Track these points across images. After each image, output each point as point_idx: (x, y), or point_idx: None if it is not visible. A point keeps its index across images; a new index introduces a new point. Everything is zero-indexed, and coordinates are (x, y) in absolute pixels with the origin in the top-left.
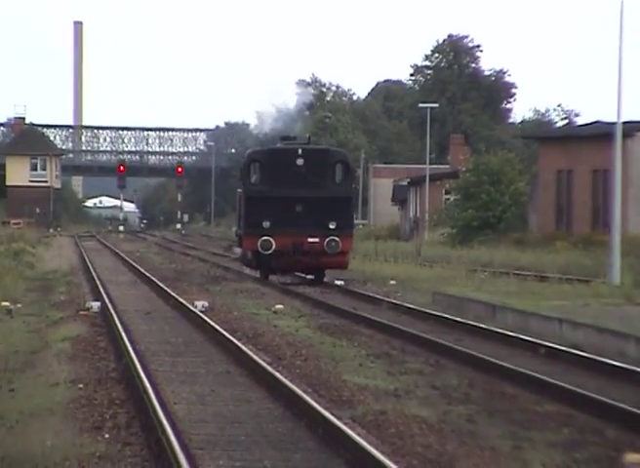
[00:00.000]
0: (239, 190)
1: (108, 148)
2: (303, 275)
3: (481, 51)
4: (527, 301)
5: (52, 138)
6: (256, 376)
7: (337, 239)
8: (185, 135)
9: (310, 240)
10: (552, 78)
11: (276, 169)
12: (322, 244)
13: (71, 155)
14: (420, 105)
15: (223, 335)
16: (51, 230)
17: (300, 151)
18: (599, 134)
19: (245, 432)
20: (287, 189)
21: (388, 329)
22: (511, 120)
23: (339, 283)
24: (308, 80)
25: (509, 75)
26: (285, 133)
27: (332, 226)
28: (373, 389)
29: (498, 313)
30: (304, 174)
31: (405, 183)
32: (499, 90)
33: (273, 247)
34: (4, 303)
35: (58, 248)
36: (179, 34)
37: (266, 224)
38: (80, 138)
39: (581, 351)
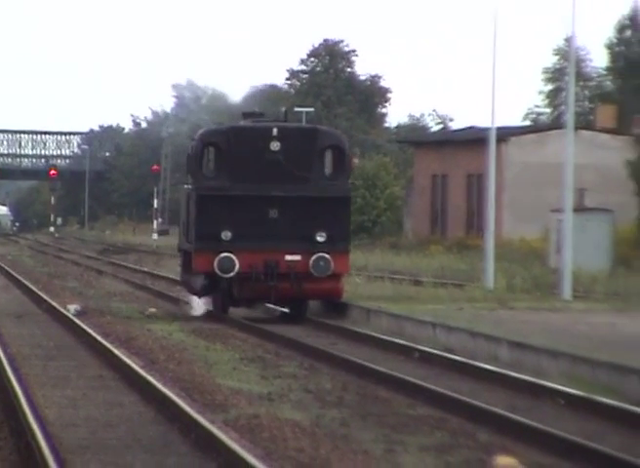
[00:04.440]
0: (186, 186)
1: None
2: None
3: (356, 55)
4: (402, 305)
5: None
6: (128, 380)
7: (327, 256)
8: (59, 137)
9: (289, 258)
10: (427, 83)
11: (241, 156)
12: (306, 263)
13: None
14: (296, 109)
15: (96, 339)
16: None
17: (275, 131)
18: (473, 138)
19: (117, 436)
20: (256, 185)
21: (262, 332)
22: (387, 124)
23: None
24: (183, 83)
25: (384, 80)
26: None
27: (320, 239)
28: (246, 393)
29: (372, 317)
30: (281, 163)
31: None
32: (374, 94)
33: (236, 268)
34: None
35: None
36: (50, 35)
37: (226, 235)
38: None
39: (455, 355)
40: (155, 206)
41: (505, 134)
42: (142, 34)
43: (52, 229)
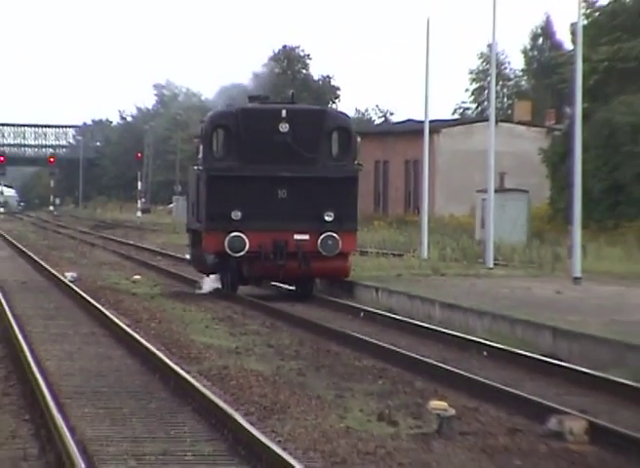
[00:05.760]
0: (195, 168)
1: None
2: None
3: (310, 59)
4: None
5: None
6: (117, 336)
7: (335, 236)
8: (57, 130)
9: (298, 237)
10: (370, 82)
11: (250, 137)
12: (314, 242)
13: None
14: None
15: (89, 302)
16: None
17: (284, 113)
18: (410, 130)
19: (107, 384)
20: (265, 166)
21: (230, 296)
22: None
23: (189, 257)
24: (163, 83)
25: (334, 80)
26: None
27: (328, 218)
28: (217, 347)
29: (323, 282)
30: (290, 144)
31: None
32: (326, 92)
33: (246, 247)
34: None
35: None
36: (50, 42)
37: (236, 215)
38: None
39: (395, 314)
40: (139, 188)
41: (437, 126)
42: (130, 40)
43: (51, 208)
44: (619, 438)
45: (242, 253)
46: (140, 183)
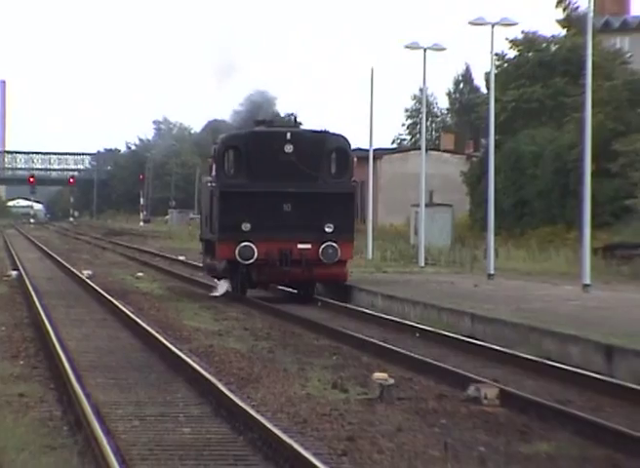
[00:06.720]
0: (209, 184)
1: (24, 166)
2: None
3: (277, 99)
4: None
5: None
6: (123, 322)
7: (334, 245)
8: (77, 157)
9: (301, 246)
10: (325, 118)
11: (258, 157)
12: (316, 251)
13: None
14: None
15: (101, 294)
16: None
17: (288, 135)
18: (358, 156)
19: (116, 360)
20: (272, 183)
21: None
22: None
23: (181, 258)
24: (161, 119)
25: (297, 116)
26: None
27: (328, 229)
28: (204, 330)
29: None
30: (294, 163)
31: None
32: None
33: (255, 255)
34: None
35: None
36: (68, 85)
37: (246, 227)
38: (3, 159)
39: (345, 304)
40: (141, 203)
41: (380, 153)
42: (134, 85)
43: (71, 219)
44: (524, 401)
45: (251, 261)
46: (142, 199)
